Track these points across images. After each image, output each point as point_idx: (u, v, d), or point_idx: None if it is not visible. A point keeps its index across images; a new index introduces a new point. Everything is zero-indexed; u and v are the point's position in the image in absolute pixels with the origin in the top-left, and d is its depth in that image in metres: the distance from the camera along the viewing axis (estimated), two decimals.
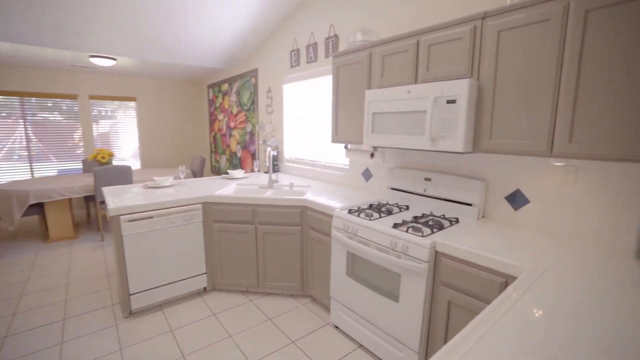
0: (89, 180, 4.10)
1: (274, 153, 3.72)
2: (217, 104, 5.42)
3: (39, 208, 3.90)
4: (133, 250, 2.28)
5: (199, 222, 2.56)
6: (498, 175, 1.93)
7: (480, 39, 1.64)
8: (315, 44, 3.15)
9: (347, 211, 2.12)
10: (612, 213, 1.54)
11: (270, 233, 2.53)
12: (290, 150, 3.73)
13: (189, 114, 6.16)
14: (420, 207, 2.23)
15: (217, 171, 5.76)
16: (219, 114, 5.39)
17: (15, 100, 4.59)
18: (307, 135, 3.43)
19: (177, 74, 5.29)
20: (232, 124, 4.98)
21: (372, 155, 2.49)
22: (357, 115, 2.34)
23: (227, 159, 5.26)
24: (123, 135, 5.50)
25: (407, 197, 2.33)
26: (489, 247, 1.48)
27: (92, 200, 4.53)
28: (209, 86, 5.67)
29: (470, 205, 1.98)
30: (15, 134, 4.65)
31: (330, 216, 2.22)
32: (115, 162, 5.39)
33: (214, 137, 5.70)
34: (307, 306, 2.51)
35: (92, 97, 5.13)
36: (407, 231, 1.74)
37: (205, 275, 2.66)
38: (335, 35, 2.90)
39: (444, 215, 2.02)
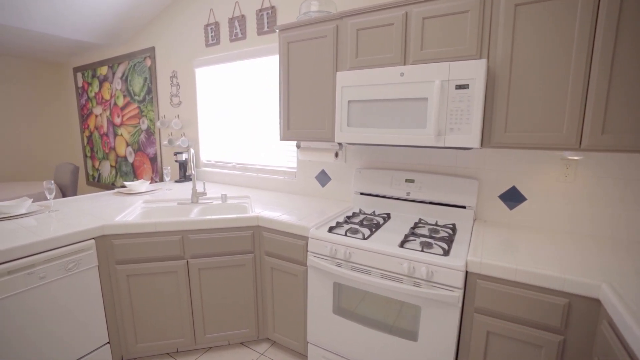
0: None
1: (187, 156, 2.89)
2: (92, 94, 4.07)
3: None
4: None
5: (91, 267, 1.65)
6: (490, 173, 1.73)
7: (490, 13, 1.37)
8: (243, 16, 2.49)
9: (326, 229, 1.62)
10: (629, 207, 1.48)
11: (209, 268, 1.82)
12: (208, 152, 2.96)
13: (45, 106, 4.49)
14: (403, 214, 1.90)
15: (96, 183, 4.37)
16: (95, 107, 4.06)
17: None
18: (233, 133, 2.74)
19: (18, 48, 3.72)
20: (117, 120, 3.78)
21: (336, 154, 2.04)
22: (319, 104, 1.85)
23: (113, 166, 4.00)
24: None
25: (383, 202, 1.97)
26: (530, 260, 1.22)
27: None
28: (77, 69, 4.22)
29: (463, 207, 1.74)
30: None
31: (303, 237, 1.67)
32: None
33: (89, 137, 4.30)
34: (269, 355, 1.91)
35: None
36: (422, 250, 1.36)
37: (108, 345, 1.76)
38: (272, 7, 2.33)
39: (437, 222, 1.73)
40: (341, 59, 1.75)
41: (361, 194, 2.04)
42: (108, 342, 1.77)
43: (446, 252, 1.33)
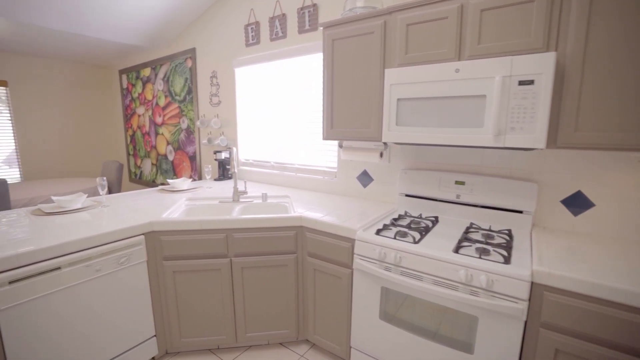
0: None
1: (226, 155, 2.93)
2: (135, 95, 4.25)
3: None
4: (22, 334, 1.33)
5: (140, 262, 1.70)
6: (552, 175, 1.60)
7: (560, 1, 1.26)
8: (284, 15, 2.49)
9: (374, 231, 1.57)
10: None
11: (251, 267, 1.82)
12: (247, 151, 2.99)
13: (93, 107, 4.75)
14: (453, 217, 1.81)
15: (138, 180, 4.56)
16: (139, 107, 4.24)
17: None
18: (272, 132, 2.74)
19: (74, 53, 3.96)
20: (158, 120, 3.92)
21: (381, 154, 1.98)
22: (364, 103, 1.80)
23: (154, 164, 4.16)
24: None
25: (429, 205, 1.89)
26: (605, 272, 1.10)
27: None
28: (122, 72, 4.43)
29: (520, 212, 1.62)
30: None
31: (349, 239, 1.63)
32: None
33: (132, 136, 4.50)
34: (309, 357, 1.89)
35: None
36: (479, 257, 1.28)
37: (154, 338, 1.81)
38: (314, 5, 2.30)
39: (490, 227, 1.63)
40: (389, 56, 1.69)
41: (406, 195, 1.97)
42: (155, 335, 1.81)
43: (507, 260, 1.24)
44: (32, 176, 4.27)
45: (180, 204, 2.14)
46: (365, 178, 2.22)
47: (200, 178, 3.48)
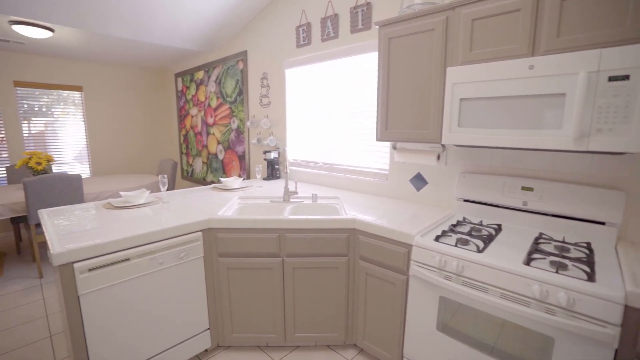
0: (17, 195, 3.03)
1: (275, 155, 2.98)
2: (189, 96, 4.49)
3: None
4: (98, 317, 1.45)
5: (198, 258, 1.77)
6: None
7: None
8: (336, 15, 2.47)
9: (432, 237, 1.49)
10: None
11: (303, 268, 1.82)
12: (295, 152, 3.01)
13: (153, 108, 5.11)
14: (518, 226, 1.67)
15: (189, 178, 4.81)
16: (192, 108, 4.47)
17: None
18: (321, 133, 2.74)
19: (137, 59, 4.27)
20: (210, 120, 4.10)
21: (438, 156, 1.89)
22: (422, 103, 1.72)
23: (204, 162, 4.36)
24: (63, 134, 4.34)
25: (491, 211, 1.76)
26: None
27: (22, 222, 3.42)
28: (178, 75, 4.70)
29: (601, 224, 1.45)
30: None
31: (405, 245, 1.57)
32: (55, 169, 4.23)
33: (185, 136, 4.76)
34: None
35: (20, 84, 3.93)
36: (556, 272, 1.16)
37: (208, 331, 1.87)
38: (367, 3, 2.25)
39: (564, 238, 1.48)
40: (451, 54, 1.60)
41: (464, 200, 1.86)
42: (208, 329, 1.88)
43: (590, 277, 1.11)
44: (99, 172, 4.67)
45: (233, 202, 2.20)
46: (419, 181, 2.13)
47: (248, 177, 3.58)
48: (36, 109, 4.08)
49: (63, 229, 1.58)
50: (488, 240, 1.45)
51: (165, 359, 1.70)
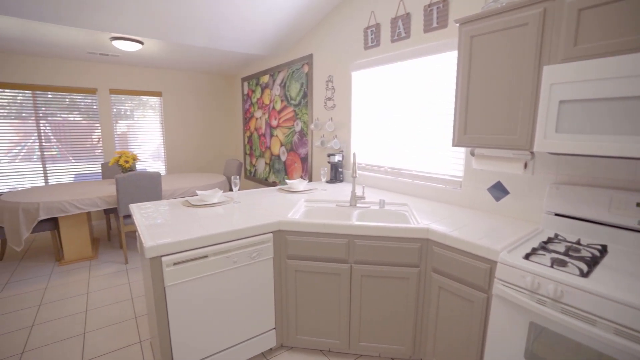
0: (110, 189, 3.42)
1: (339, 158, 2.96)
2: (254, 100, 4.70)
3: (51, 223, 3.22)
4: (179, 307, 1.55)
5: (268, 258, 1.82)
6: None
7: None
8: (408, 15, 2.38)
9: (521, 255, 1.35)
10: None
11: (371, 276, 1.77)
12: (359, 155, 2.97)
13: (220, 111, 5.45)
14: (630, 249, 1.44)
15: (252, 178, 5.03)
16: (256, 111, 4.67)
17: (26, 94, 3.94)
18: (387, 136, 2.66)
19: (208, 65, 4.58)
20: (274, 122, 4.24)
21: (525, 164, 1.71)
22: (509, 106, 1.56)
23: (267, 163, 4.53)
24: (143, 135, 4.81)
25: (591, 229, 1.54)
26: None
27: (112, 212, 3.86)
28: (244, 79, 4.94)
29: None
30: (26, 132, 4.01)
31: (487, 260, 1.44)
32: (138, 167, 4.72)
33: (250, 137, 4.98)
34: None
35: (114, 91, 4.46)
36: None
37: (274, 331, 1.92)
38: (444, 0, 2.13)
39: None
40: (548, 50, 1.43)
41: (556, 214, 1.66)
42: (274, 328, 1.92)
43: None
44: (172, 170, 5.10)
45: (300, 205, 2.23)
46: (498, 191, 1.95)
47: (310, 179, 3.62)
48: (122, 112, 4.59)
49: (151, 224, 1.72)
50: (592, 263, 1.26)
51: (234, 353, 1.77)
